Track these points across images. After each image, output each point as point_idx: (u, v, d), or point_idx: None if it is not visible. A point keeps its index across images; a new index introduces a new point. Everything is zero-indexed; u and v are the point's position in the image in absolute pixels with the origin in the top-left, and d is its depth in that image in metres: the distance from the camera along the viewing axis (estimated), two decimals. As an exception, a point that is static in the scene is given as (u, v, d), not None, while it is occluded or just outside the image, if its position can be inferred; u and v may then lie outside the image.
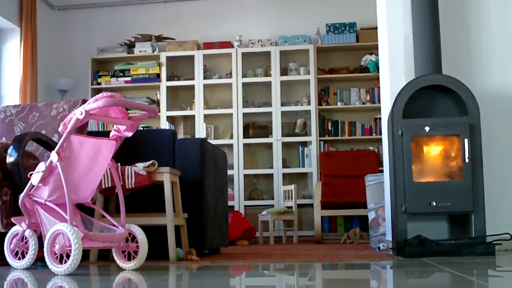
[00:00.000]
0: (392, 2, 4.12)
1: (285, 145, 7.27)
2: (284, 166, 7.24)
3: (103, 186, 3.46)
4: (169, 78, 7.45)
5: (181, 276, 2.71)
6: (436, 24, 3.84)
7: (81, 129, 3.66)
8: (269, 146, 7.29)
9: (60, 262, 2.74)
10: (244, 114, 7.31)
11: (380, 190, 4.45)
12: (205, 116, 7.36)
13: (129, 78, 7.50)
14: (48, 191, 2.88)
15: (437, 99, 3.77)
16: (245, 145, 7.29)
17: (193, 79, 7.42)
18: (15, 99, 6.71)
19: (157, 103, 7.44)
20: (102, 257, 3.65)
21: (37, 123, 3.99)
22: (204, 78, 7.42)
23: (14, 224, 3.08)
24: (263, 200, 7.27)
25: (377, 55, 6.82)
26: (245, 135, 7.30)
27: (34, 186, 2.92)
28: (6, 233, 3.13)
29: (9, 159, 3.28)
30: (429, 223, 3.74)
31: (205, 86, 7.41)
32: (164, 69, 7.43)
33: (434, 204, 3.58)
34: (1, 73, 6.92)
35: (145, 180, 3.55)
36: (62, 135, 2.86)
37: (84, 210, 3.08)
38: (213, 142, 7.03)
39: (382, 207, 4.41)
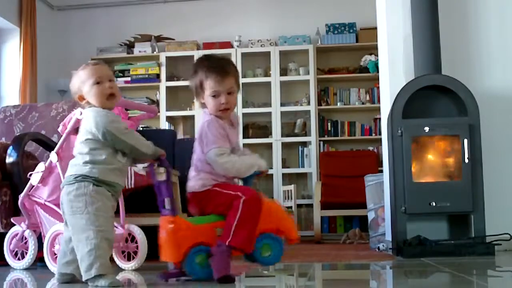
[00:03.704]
0: (392, 2, 4.12)
1: (284, 145, 7.27)
2: (283, 166, 7.23)
3: (103, 186, 3.46)
4: (168, 78, 7.44)
5: (180, 276, 2.70)
6: (435, 24, 3.83)
7: (80, 129, 3.65)
8: (269, 146, 7.29)
9: (60, 262, 2.74)
10: (244, 114, 7.31)
11: (379, 190, 4.45)
12: (205, 116, 7.34)
13: (128, 78, 7.49)
14: (48, 191, 2.88)
15: (437, 99, 3.77)
16: (244, 145, 7.26)
17: (192, 79, 7.40)
18: (15, 99, 6.70)
19: (157, 103, 7.43)
20: (101, 258, 3.64)
21: (37, 123, 3.99)
22: (204, 78, 7.40)
23: (14, 225, 3.08)
24: (262, 200, 7.25)
25: (376, 55, 6.81)
26: (245, 135, 7.30)
27: (33, 186, 2.92)
28: (5, 233, 3.13)
29: (9, 159, 3.28)
30: (428, 223, 3.74)
31: (204, 86, 7.39)
32: (163, 69, 7.43)
33: (434, 204, 3.58)
34: (1, 73, 6.91)
35: (145, 180, 3.54)
36: (61, 135, 2.86)
37: (84, 210, 3.07)
38: (213, 142, 7.02)
39: (382, 207, 4.41)
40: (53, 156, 2.82)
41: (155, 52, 7.51)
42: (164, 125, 7.32)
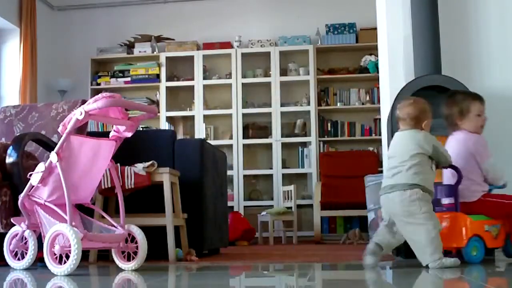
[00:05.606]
0: (392, 2, 4.11)
1: (284, 145, 7.27)
2: (283, 166, 7.23)
3: (103, 187, 3.46)
4: (168, 79, 7.45)
5: (180, 276, 2.71)
6: (435, 25, 3.83)
7: (80, 129, 3.65)
8: (269, 146, 7.29)
9: (60, 262, 2.74)
10: (244, 115, 7.31)
11: (379, 190, 4.44)
12: (205, 116, 7.36)
13: (128, 79, 7.50)
14: (48, 191, 2.88)
15: (437, 99, 3.76)
16: (244, 145, 7.29)
17: (192, 79, 7.42)
18: (15, 100, 6.71)
19: (157, 103, 7.43)
20: (101, 258, 3.65)
21: (37, 123, 3.99)
22: (204, 78, 7.42)
23: (14, 225, 3.08)
24: (262, 200, 7.26)
25: (376, 55, 6.82)
26: (245, 136, 7.30)
27: (33, 186, 2.91)
28: (5, 233, 3.13)
29: (9, 160, 3.27)
30: (429, 224, 3.73)
31: (204, 86, 7.41)
32: (163, 69, 7.43)
33: (434, 204, 3.57)
34: (1, 74, 6.91)
35: (145, 180, 3.55)
36: (61, 136, 2.86)
37: (84, 210, 3.08)
38: (213, 142, 7.02)
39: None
40: (53, 156, 2.82)
41: (155, 52, 7.51)
42: (164, 125, 7.33)
